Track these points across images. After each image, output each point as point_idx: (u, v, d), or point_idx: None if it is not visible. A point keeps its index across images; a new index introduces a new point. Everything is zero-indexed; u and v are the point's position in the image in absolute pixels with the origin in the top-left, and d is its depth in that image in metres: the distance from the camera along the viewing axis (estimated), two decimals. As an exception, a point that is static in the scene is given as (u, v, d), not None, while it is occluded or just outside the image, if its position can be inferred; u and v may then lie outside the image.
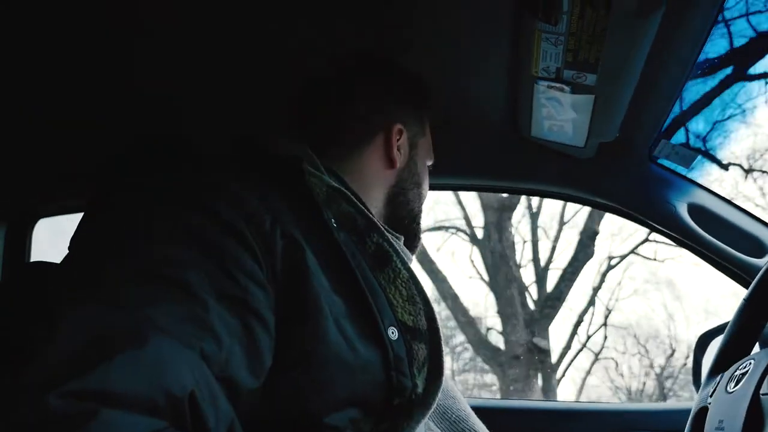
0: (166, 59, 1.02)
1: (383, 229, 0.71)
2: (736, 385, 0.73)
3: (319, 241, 0.64)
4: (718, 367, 0.86)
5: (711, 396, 0.79)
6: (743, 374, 0.74)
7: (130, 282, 0.50)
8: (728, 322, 0.94)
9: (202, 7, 0.90)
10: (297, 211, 0.64)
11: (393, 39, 0.96)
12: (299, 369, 0.58)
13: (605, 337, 14.01)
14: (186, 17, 0.92)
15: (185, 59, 1.03)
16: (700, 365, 1.13)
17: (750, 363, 0.76)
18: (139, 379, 0.44)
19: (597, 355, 14.06)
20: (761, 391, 0.66)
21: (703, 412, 0.79)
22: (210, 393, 0.48)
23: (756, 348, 0.91)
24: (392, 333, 0.65)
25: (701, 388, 0.91)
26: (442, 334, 0.70)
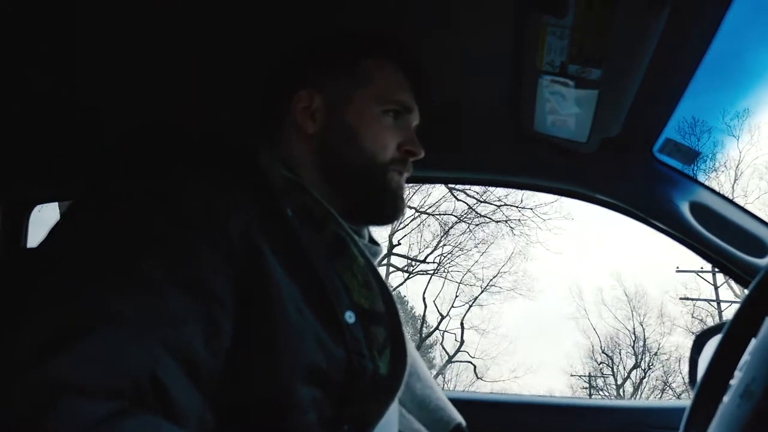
0: (160, 52, 1.02)
1: (339, 219, 0.74)
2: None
3: (275, 230, 0.66)
4: (717, 371, 0.85)
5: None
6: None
7: (90, 276, 0.52)
8: (725, 322, 0.94)
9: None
10: (254, 202, 0.66)
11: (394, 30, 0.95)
12: (262, 350, 0.60)
13: (462, 341, 15.21)
14: (178, 16, 0.93)
15: (178, 54, 1.03)
16: (696, 365, 1.13)
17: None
18: (98, 366, 0.46)
19: (451, 357, 15.25)
20: None
21: None
22: (174, 375, 0.50)
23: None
24: (349, 317, 0.67)
25: (696, 388, 0.90)
26: (401, 318, 0.73)
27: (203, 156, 0.70)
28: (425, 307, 15.13)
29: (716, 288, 16.50)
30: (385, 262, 14.17)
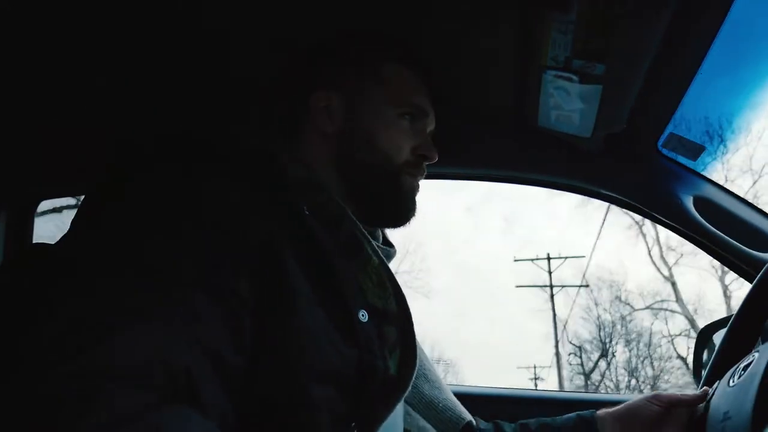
0: (171, 52, 1.03)
1: (354, 219, 0.74)
2: (739, 377, 0.73)
3: (293, 230, 0.67)
4: (720, 366, 0.86)
5: (713, 393, 0.79)
6: (746, 366, 0.73)
7: (124, 274, 0.53)
8: (730, 316, 0.94)
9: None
10: (273, 203, 0.67)
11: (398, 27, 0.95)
12: (276, 348, 0.61)
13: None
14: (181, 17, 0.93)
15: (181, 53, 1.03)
16: (700, 359, 1.13)
17: (753, 355, 0.76)
18: (136, 358, 0.47)
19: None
20: None
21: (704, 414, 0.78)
22: (204, 371, 0.51)
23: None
24: (362, 316, 0.68)
25: (702, 384, 0.91)
26: (413, 319, 0.73)
27: (223, 158, 0.70)
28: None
29: (550, 274, 18.06)
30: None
